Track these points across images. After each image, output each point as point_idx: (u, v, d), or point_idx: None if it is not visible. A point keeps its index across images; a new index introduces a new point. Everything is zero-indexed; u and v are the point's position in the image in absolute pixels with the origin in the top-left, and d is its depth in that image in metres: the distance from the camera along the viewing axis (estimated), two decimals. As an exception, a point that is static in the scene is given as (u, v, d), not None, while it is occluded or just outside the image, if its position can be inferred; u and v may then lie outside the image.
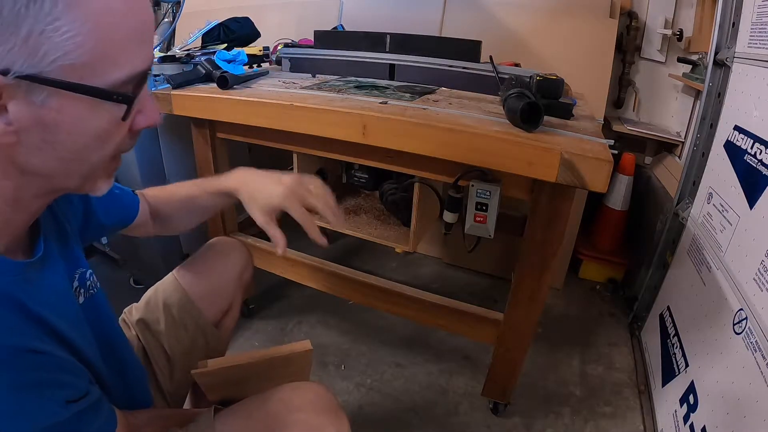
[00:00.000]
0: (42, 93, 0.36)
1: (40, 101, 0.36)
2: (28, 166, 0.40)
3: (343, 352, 1.45)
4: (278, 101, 1.02)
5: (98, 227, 0.70)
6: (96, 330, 0.59)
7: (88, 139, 0.40)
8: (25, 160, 0.39)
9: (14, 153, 0.38)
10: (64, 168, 0.41)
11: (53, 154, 0.39)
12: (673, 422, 1.12)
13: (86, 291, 0.59)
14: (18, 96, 0.35)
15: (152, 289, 0.87)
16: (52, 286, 0.50)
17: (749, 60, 1.12)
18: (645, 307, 1.54)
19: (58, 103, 0.36)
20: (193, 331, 0.85)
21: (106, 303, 0.64)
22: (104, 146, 0.42)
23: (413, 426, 1.22)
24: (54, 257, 0.53)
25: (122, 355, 0.67)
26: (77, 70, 0.36)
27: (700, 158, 1.34)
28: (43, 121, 0.37)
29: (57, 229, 0.56)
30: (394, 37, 1.29)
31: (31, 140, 0.38)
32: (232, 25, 1.52)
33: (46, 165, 0.40)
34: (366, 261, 1.97)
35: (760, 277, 0.92)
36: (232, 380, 0.73)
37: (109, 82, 0.38)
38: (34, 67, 0.34)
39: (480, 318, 1.14)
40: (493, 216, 0.96)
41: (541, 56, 1.66)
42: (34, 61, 0.34)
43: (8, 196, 0.42)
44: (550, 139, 0.83)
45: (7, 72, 0.34)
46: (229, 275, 0.90)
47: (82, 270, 0.59)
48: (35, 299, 0.45)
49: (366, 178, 1.30)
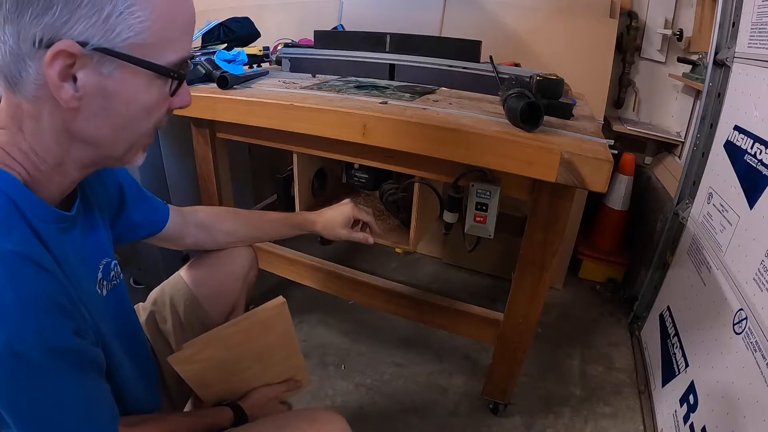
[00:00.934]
0: (111, 65, 0.41)
1: (108, 72, 0.42)
2: (83, 132, 0.44)
3: (343, 352, 1.45)
4: (278, 101, 1.02)
5: (130, 224, 0.70)
6: (118, 322, 0.59)
7: (139, 110, 0.46)
8: (81, 126, 0.44)
9: (72, 119, 0.43)
10: (114, 135, 0.46)
11: (108, 121, 0.45)
12: (673, 422, 1.12)
13: (109, 282, 0.59)
14: (89, 66, 0.41)
15: (159, 289, 0.87)
16: (76, 255, 0.50)
17: (749, 60, 1.12)
18: (645, 307, 1.55)
19: (122, 75, 0.42)
20: (199, 331, 0.84)
21: (127, 294, 0.65)
22: (150, 118, 0.48)
23: (413, 426, 1.22)
24: (82, 234, 0.53)
25: (139, 348, 0.67)
26: (142, 49, 0.42)
27: (700, 158, 1.34)
28: (106, 90, 0.42)
29: (90, 215, 0.57)
30: (394, 37, 1.29)
31: (92, 107, 0.43)
32: (232, 25, 1.52)
33: (99, 132, 0.45)
34: (366, 261, 1.96)
35: (760, 277, 0.92)
36: (215, 365, 0.70)
37: (165, 62, 0.44)
38: (109, 42, 0.40)
39: (480, 318, 1.14)
40: (493, 216, 0.96)
41: (541, 56, 1.65)
42: (110, 37, 0.40)
43: (55, 160, 0.46)
44: (550, 139, 0.83)
45: (86, 44, 0.39)
46: (234, 275, 0.90)
47: (108, 260, 0.59)
48: (60, 252, 0.45)
49: (366, 178, 1.30)
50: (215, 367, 0.72)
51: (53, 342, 0.40)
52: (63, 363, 0.41)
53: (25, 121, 0.43)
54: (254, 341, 0.73)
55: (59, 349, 0.41)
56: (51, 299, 0.41)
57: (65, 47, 0.38)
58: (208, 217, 0.87)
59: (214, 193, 1.34)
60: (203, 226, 0.85)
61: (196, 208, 0.87)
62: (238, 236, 0.90)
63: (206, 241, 0.86)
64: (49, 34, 0.39)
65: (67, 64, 0.39)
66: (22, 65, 0.40)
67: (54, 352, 0.40)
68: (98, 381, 0.48)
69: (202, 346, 0.69)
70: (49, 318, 0.40)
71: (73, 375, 0.43)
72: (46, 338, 0.39)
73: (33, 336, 0.38)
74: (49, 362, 0.40)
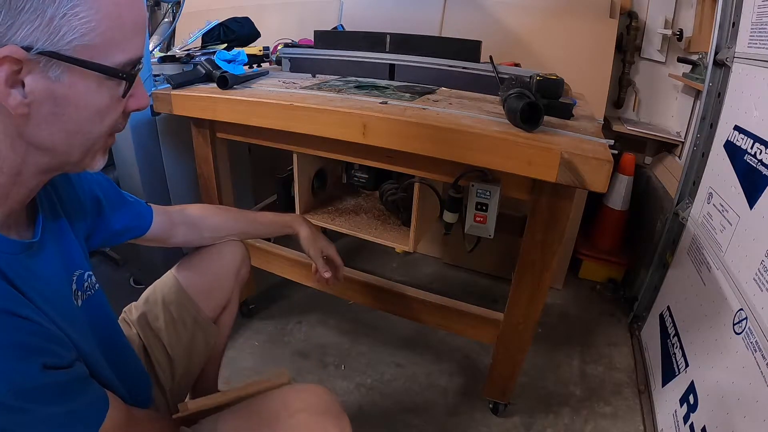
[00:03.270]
0: (58, 69, 0.40)
1: (55, 76, 0.41)
2: (35, 138, 0.43)
3: (343, 352, 1.45)
4: (278, 101, 1.02)
5: (109, 232, 0.70)
6: (97, 332, 0.58)
7: (91, 113, 0.45)
8: (33, 133, 0.43)
9: (24, 126, 0.42)
10: (68, 141, 0.45)
11: (60, 126, 0.44)
12: (673, 422, 1.12)
13: (83, 293, 0.59)
14: (35, 71, 0.40)
15: (151, 287, 0.87)
16: (46, 276, 0.50)
17: (749, 60, 1.12)
18: (645, 307, 1.54)
19: (70, 78, 0.41)
20: (192, 328, 0.85)
21: (107, 304, 0.64)
22: (103, 121, 0.47)
23: (413, 426, 1.22)
24: (50, 251, 0.53)
25: (124, 357, 0.67)
26: (89, 50, 0.41)
27: (700, 158, 1.34)
28: (55, 94, 0.41)
29: (57, 227, 0.56)
30: (394, 37, 1.29)
31: (42, 113, 0.42)
32: (232, 25, 1.52)
33: (52, 138, 0.44)
34: (366, 261, 1.96)
35: (760, 277, 0.92)
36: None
37: (114, 63, 0.43)
38: (54, 45, 0.39)
39: (480, 318, 1.14)
40: (493, 216, 0.96)
41: (541, 56, 1.65)
42: (54, 40, 0.39)
43: (11, 170, 0.44)
44: (550, 139, 0.83)
45: (30, 48, 0.38)
46: (226, 271, 0.91)
47: (81, 272, 0.59)
48: (26, 282, 0.45)
49: (366, 178, 1.30)
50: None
51: (23, 384, 0.42)
52: (35, 400, 0.43)
53: None
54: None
55: (30, 389, 0.42)
56: (17, 345, 0.42)
57: (9, 53, 0.38)
58: (196, 214, 0.87)
59: (214, 193, 1.34)
60: (190, 224, 0.86)
61: (185, 207, 0.88)
62: (224, 230, 0.91)
63: (194, 239, 0.87)
64: None
65: (13, 70, 0.39)
66: None
67: (25, 393, 0.42)
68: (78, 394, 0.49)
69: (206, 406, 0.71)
70: (17, 363, 0.42)
71: (47, 405, 0.44)
72: (15, 383, 0.41)
73: (2, 384, 0.40)
74: (23, 402, 0.42)
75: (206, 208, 0.91)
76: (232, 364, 1.36)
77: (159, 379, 0.81)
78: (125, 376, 0.65)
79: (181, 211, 0.86)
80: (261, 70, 1.35)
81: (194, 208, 0.89)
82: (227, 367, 1.29)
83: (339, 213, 1.33)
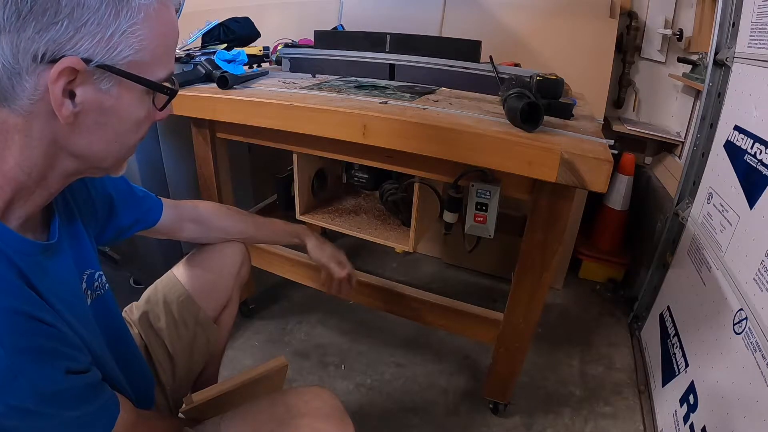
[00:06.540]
0: (110, 81, 0.42)
1: (106, 89, 0.43)
2: (74, 146, 0.45)
3: (343, 352, 1.45)
4: (278, 101, 1.02)
5: (118, 229, 0.71)
6: (105, 331, 0.59)
7: (131, 123, 0.47)
8: (73, 140, 0.44)
9: (64, 133, 0.43)
10: (105, 149, 0.47)
11: (101, 135, 0.45)
12: (673, 422, 1.12)
13: (93, 292, 0.59)
14: (88, 82, 0.41)
15: (152, 287, 0.88)
16: (62, 278, 0.51)
17: (749, 60, 1.12)
18: (645, 307, 1.54)
19: (118, 91, 0.43)
20: (194, 328, 0.86)
21: (115, 304, 0.65)
22: (138, 131, 0.49)
23: (413, 426, 1.22)
24: (65, 251, 0.53)
25: (130, 357, 0.68)
26: (139, 66, 0.43)
27: (700, 158, 1.34)
28: (102, 105, 0.43)
29: (70, 227, 0.57)
30: (394, 37, 1.29)
31: (86, 122, 0.43)
32: (232, 25, 1.52)
33: (90, 146, 0.46)
34: (366, 261, 1.96)
35: (760, 277, 0.92)
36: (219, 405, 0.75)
37: (157, 78, 0.46)
38: (111, 60, 0.41)
39: (480, 318, 1.14)
40: (493, 216, 0.96)
41: (541, 56, 1.65)
42: (112, 54, 0.41)
43: (39, 174, 0.45)
44: (550, 139, 0.83)
45: (89, 61, 0.40)
46: (226, 271, 0.91)
47: (91, 271, 0.59)
48: (43, 283, 0.45)
49: (366, 178, 1.30)
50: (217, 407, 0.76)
51: (46, 389, 0.42)
52: (56, 404, 0.44)
53: (13, 136, 0.42)
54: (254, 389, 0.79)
55: (53, 394, 0.43)
56: (41, 349, 0.42)
57: (71, 64, 0.39)
58: (207, 212, 0.89)
59: (214, 193, 1.35)
60: (200, 221, 0.87)
61: (198, 203, 0.89)
62: (233, 233, 0.92)
63: (201, 236, 0.89)
64: (52, 50, 0.38)
65: (70, 80, 0.40)
66: (17, 79, 0.39)
67: (48, 397, 0.43)
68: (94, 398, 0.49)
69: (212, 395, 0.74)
70: (41, 367, 0.42)
71: (66, 409, 0.45)
72: (38, 387, 0.41)
73: (26, 389, 0.40)
74: (44, 407, 0.42)
75: (218, 207, 0.93)
76: (232, 364, 1.36)
77: (160, 379, 0.81)
78: (131, 376, 0.65)
79: (194, 208, 0.87)
80: (261, 70, 1.35)
81: (206, 206, 0.90)
82: (227, 366, 1.29)
83: (339, 213, 1.33)
